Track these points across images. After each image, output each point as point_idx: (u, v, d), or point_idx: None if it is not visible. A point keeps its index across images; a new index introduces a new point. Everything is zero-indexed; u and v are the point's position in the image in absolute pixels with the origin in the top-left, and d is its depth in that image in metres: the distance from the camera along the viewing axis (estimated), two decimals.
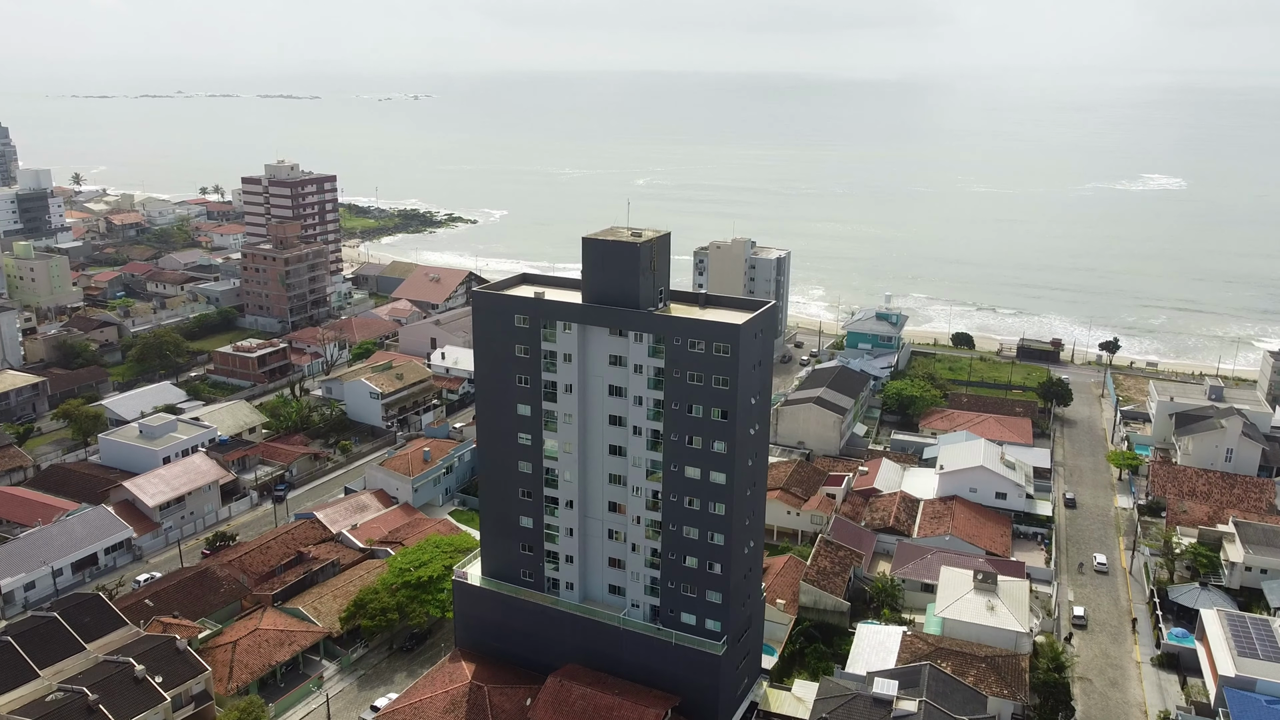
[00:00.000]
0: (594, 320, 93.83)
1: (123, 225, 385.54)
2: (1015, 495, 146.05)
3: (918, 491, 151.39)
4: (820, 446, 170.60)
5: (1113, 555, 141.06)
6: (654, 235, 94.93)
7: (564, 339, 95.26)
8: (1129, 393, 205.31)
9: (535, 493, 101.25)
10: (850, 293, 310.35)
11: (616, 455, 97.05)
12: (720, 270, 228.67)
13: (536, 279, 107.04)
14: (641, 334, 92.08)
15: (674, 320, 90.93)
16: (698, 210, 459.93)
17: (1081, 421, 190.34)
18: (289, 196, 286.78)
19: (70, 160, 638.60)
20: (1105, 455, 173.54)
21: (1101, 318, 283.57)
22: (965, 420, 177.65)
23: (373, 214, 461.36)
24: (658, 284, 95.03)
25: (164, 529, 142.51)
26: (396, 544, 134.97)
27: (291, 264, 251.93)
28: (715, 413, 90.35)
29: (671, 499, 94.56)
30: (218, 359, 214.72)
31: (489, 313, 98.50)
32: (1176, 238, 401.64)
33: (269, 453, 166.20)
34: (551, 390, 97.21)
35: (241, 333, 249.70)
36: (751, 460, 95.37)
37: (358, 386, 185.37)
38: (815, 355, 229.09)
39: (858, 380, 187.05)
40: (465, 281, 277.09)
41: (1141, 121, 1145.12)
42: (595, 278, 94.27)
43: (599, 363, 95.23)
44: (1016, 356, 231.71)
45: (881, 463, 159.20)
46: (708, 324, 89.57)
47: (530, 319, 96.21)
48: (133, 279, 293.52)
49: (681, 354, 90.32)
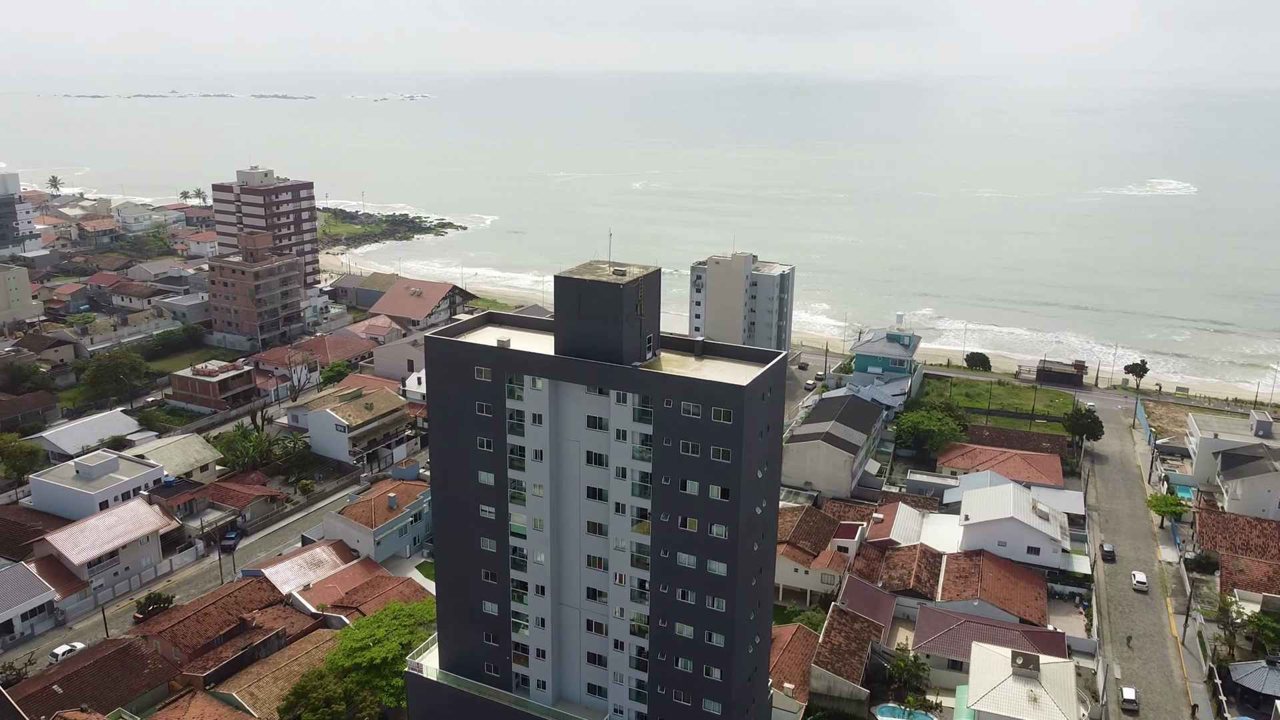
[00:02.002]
0: (568, 376, 78.10)
1: (96, 232, 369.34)
2: (1049, 550, 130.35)
3: (940, 543, 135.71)
4: (829, 488, 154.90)
5: (1160, 620, 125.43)
6: (641, 272, 79.21)
7: (533, 397, 79.49)
8: (1161, 422, 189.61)
9: (500, 575, 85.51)
10: (856, 306, 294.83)
11: (596, 534, 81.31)
12: (719, 287, 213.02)
13: (504, 319, 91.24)
14: (625, 394, 76.33)
15: (664, 379, 75.18)
16: (695, 217, 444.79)
17: (1113, 457, 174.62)
18: (262, 205, 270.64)
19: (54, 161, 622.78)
20: (1144, 500, 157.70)
21: (1120, 334, 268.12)
22: (988, 458, 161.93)
23: (359, 219, 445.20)
24: (645, 331, 79.28)
25: (93, 589, 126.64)
26: (353, 610, 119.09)
27: (262, 277, 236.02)
28: (714, 490, 74.66)
29: (662, 590, 78.83)
30: (176, 383, 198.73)
31: (443, 363, 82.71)
32: (1192, 248, 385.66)
33: (220, 495, 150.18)
34: (519, 456, 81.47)
35: (208, 351, 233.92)
36: (758, 544, 79.58)
37: (323, 418, 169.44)
38: (821, 379, 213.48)
39: (869, 412, 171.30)
40: (449, 295, 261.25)
41: (1144, 124, 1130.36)
42: (571, 324, 78.52)
43: (575, 425, 79.49)
44: (1037, 380, 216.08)
45: (898, 508, 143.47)
46: (705, 384, 73.81)
47: (493, 372, 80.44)
48: (98, 291, 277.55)
49: (673, 419, 74.56)
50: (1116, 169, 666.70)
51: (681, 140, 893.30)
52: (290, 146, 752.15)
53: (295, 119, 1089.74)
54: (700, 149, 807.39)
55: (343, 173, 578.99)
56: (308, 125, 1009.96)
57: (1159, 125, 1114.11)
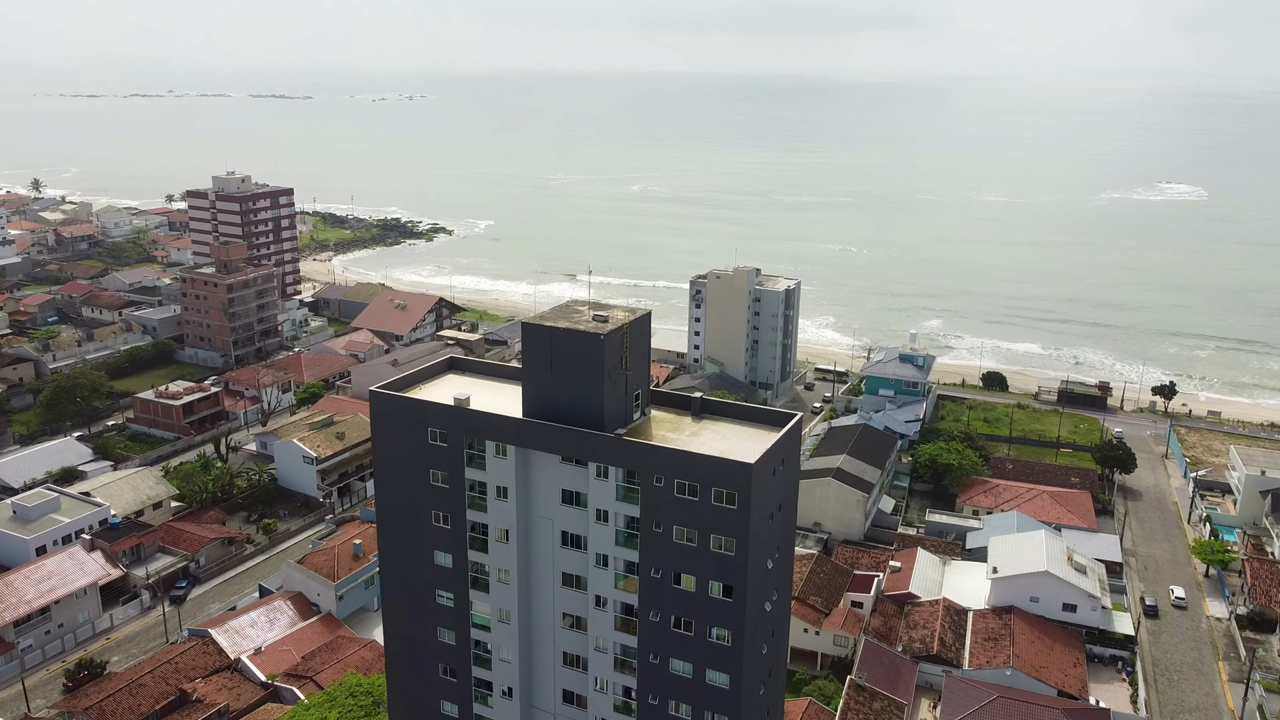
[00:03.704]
0: (537, 443, 64.76)
1: (73, 238, 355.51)
2: (1088, 608, 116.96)
3: (964, 597, 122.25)
4: (841, 529, 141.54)
5: (1213, 690, 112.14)
6: (626, 317, 65.86)
7: (497, 466, 66.17)
8: (1195, 450, 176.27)
9: (461, 672, 72.16)
10: (863, 318, 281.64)
11: (574, 630, 67.98)
12: (720, 303, 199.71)
13: (469, 366, 77.91)
14: (606, 466, 62.99)
15: (653, 451, 61.79)
16: (695, 224, 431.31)
17: (1147, 492, 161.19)
18: (238, 212, 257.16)
19: (42, 163, 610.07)
20: (1185, 543, 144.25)
21: (1139, 350, 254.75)
22: (1013, 495, 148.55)
23: (349, 224, 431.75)
24: (632, 387, 65.96)
25: (19, 651, 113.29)
26: (307, 680, 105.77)
27: (236, 290, 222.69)
28: (715, 587, 61.37)
29: (651, 702, 65.44)
30: (138, 406, 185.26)
31: (391, 422, 69.37)
32: (1209, 258, 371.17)
33: (172, 537, 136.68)
34: (481, 535, 68.19)
35: (179, 368, 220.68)
36: (766, 646, 66.15)
37: (289, 448, 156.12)
38: (829, 401, 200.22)
39: (883, 443, 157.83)
40: (435, 309, 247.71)
41: (1149, 125, 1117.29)
42: (541, 381, 65.18)
43: (548, 501, 66.15)
44: (1058, 402, 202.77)
45: (917, 555, 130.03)
46: (703, 459, 60.40)
47: (449, 435, 67.12)
48: (68, 302, 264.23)
49: (664, 500, 61.23)
50: (1123, 172, 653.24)
51: (681, 142, 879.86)
52: (282, 147, 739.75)
53: (291, 119, 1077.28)
54: (700, 151, 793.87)
55: (335, 175, 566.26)
56: (303, 125, 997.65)
57: (1163, 127, 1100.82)
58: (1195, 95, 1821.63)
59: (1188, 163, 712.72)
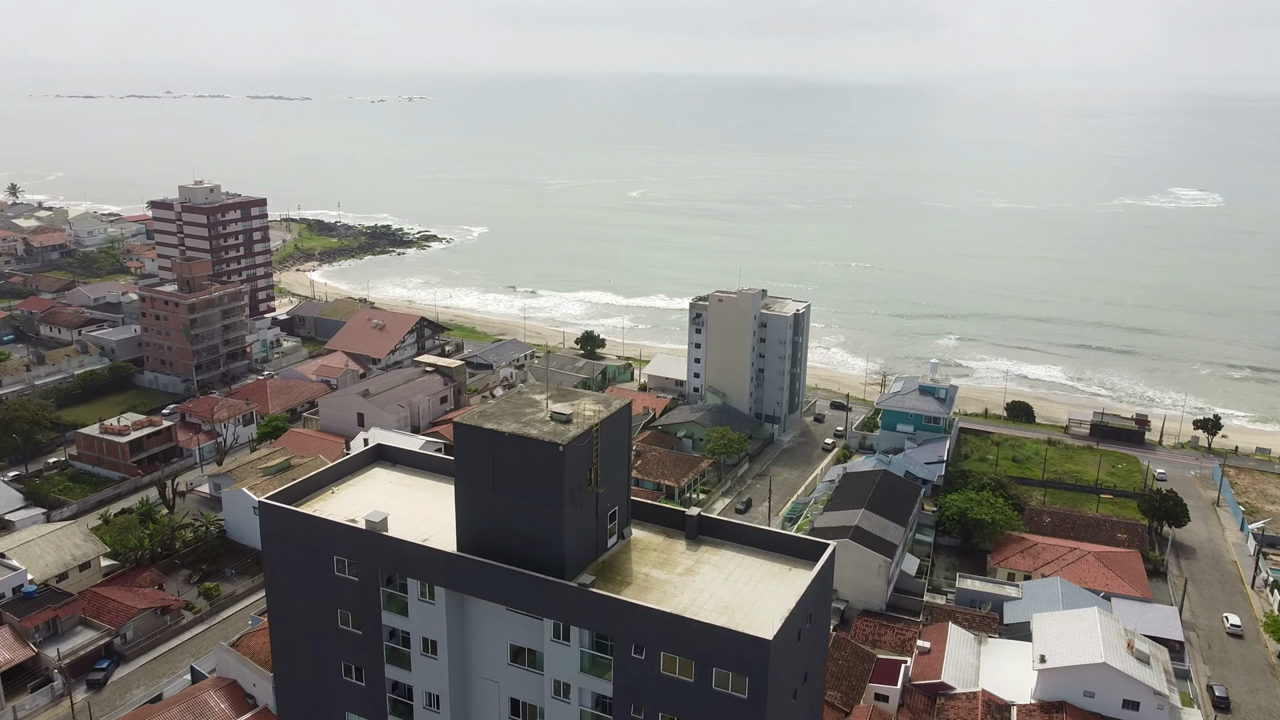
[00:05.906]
0: (474, 588, 47.67)
1: (43, 247, 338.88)
2: (1153, 706, 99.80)
3: (1005, 687, 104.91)
4: (860, 598, 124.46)
5: None
6: (597, 414, 48.65)
7: (423, 613, 49.10)
8: (1249, 496, 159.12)
9: None
10: (874, 337, 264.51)
11: None
12: (723, 328, 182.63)
13: (402, 458, 60.76)
14: (566, 626, 45.92)
15: (631, 611, 44.65)
16: (694, 234, 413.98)
17: (1201, 548, 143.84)
18: (206, 225, 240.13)
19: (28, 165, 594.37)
20: (1255, 618, 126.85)
21: (1169, 374, 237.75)
22: (1053, 556, 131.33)
23: (338, 231, 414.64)
24: (604, 508, 48.85)
25: None
26: None
27: (199, 310, 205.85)
28: None
29: None
30: (81, 443, 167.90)
31: (287, 546, 52.30)
32: (1234, 272, 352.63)
33: (96, 608, 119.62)
34: (404, 699, 51.11)
35: (137, 394, 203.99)
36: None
37: (238, 498, 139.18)
38: (842, 436, 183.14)
39: (906, 494, 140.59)
40: (416, 329, 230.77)
41: (1157, 129, 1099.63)
42: (481, 502, 47.99)
43: (491, 659, 49.07)
44: (1091, 436, 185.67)
45: (948, 632, 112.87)
46: (702, 630, 43.21)
47: (360, 569, 50.06)
48: (27, 319, 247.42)
49: (646, 678, 44.09)
50: (1135, 176, 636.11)
51: (681, 144, 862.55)
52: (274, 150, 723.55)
53: (288, 121, 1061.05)
54: (701, 154, 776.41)
55: (325, 179, 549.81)
56: (299, 127, 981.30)
57: (1172, 130, 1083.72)
58: (1204, 98, 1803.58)
59: (1200, 167, 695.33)
